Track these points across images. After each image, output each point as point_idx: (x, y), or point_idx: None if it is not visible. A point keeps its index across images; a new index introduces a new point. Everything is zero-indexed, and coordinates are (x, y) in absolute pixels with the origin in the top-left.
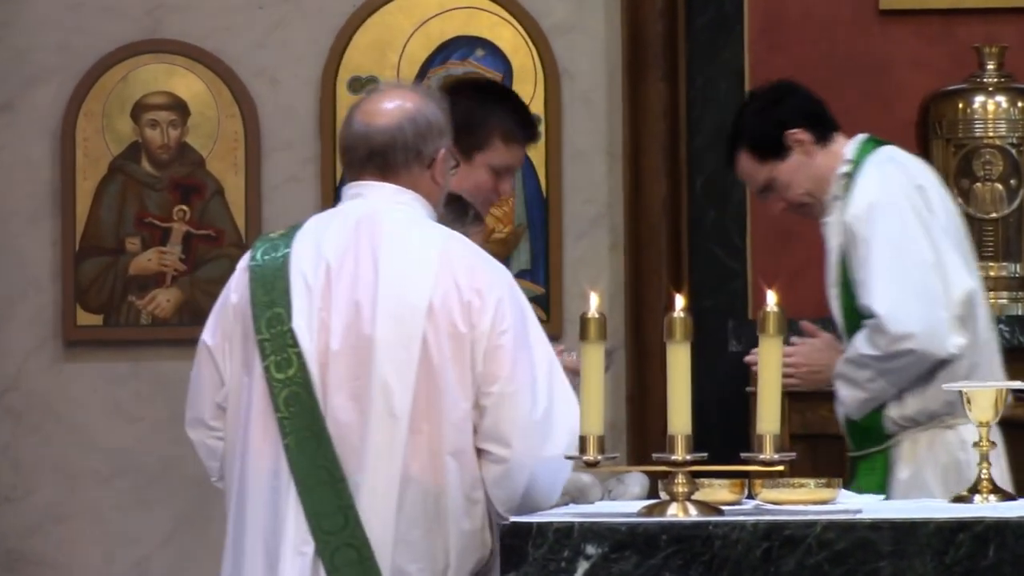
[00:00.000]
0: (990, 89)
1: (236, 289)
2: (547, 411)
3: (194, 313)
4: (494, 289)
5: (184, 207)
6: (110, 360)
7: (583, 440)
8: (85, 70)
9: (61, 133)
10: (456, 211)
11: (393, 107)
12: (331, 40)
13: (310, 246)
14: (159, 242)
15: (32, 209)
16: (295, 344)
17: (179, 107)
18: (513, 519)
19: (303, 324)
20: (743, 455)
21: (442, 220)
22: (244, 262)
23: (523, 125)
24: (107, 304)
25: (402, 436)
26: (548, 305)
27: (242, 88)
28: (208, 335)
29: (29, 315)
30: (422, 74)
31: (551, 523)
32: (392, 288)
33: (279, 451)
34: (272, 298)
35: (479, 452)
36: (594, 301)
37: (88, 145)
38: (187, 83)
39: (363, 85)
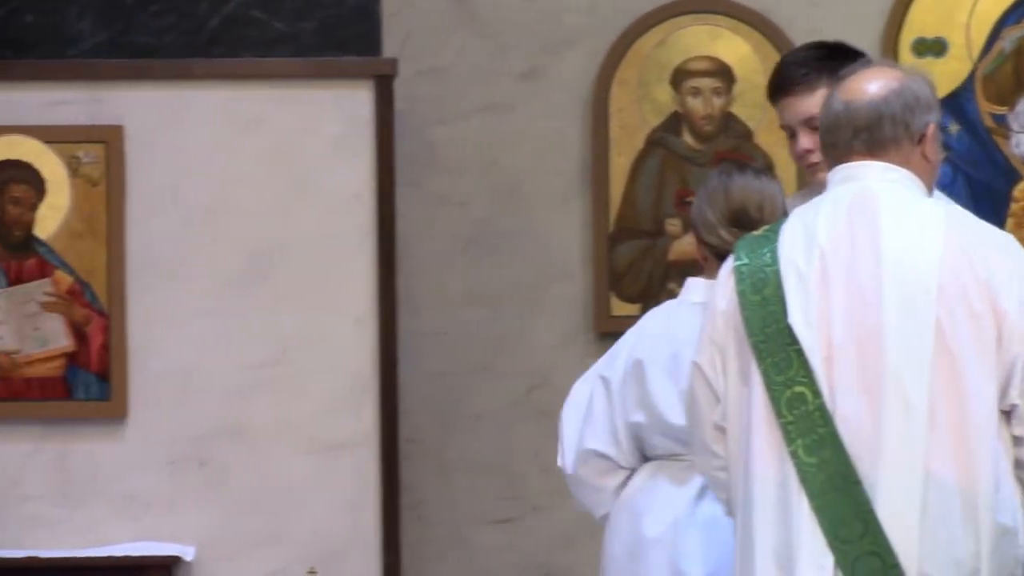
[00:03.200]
0: None
1: (723, 294)
2: None
3: None
4: (1010, 261)
5: None
6: None
7: None
8: (619, 33)
9: (593, 103)
10: None
11: (876, 83)
12: None
13: (799, 236)
14: None
15: (561, 188)
16: (793, 341)
17: (724, 73)
18: None
19: (800, 318)
20: None
21: None
22: (728, 265)
23: (771, 80)
24: (644, 292)
25: (920, 430)
26: None
27: None
28: (696, 352)
29: (558, 305)
30: (994, 34)
31: None
32: (896, 270)
33: (784, 459)
34: (764, 296)
35: (1017, 440)
36: None
37: (623, 116)
38: (733, 46)
39: (929, 48)
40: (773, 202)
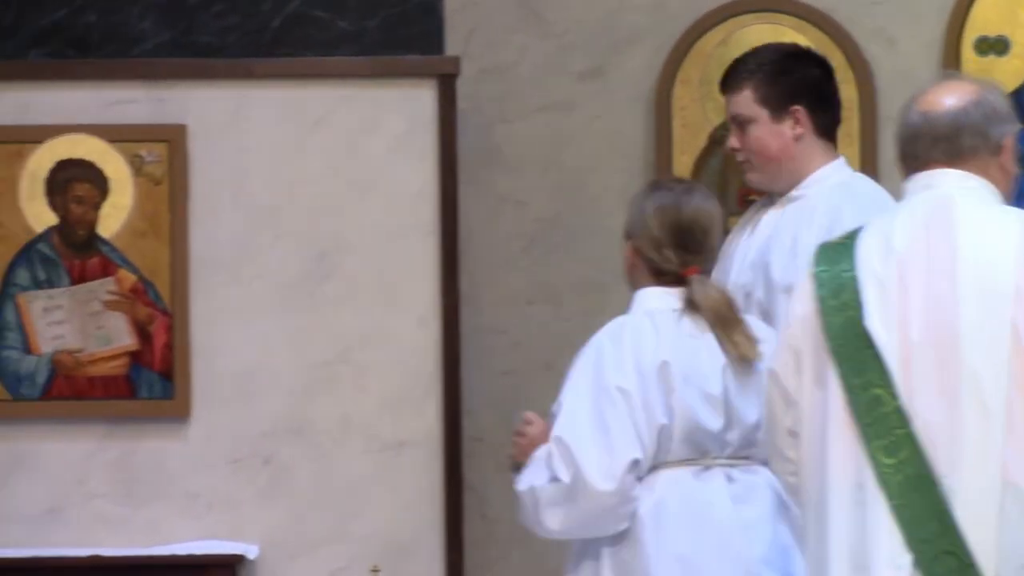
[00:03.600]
0: None
1: (801, 299)
2: None
3: None
4: None
5: None
6: None
7: None
8: (681, 32)
9: (655, 102)
10: None
11: (954, 95)
12: None
13: (877, 241)
14: None
15: (623, 186)
16: (870, 345)
17: None
18: None
19: (877, 321)
20: None
21: None
22: (805, 272)
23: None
24: None
25: (998, 431)
26: None
27: (856, 50)
28: (771, 358)
29: (622, 303)
30: None
31: None
32: (972, 274)
33: (862, 461)
34: (842, 301)
35: None
36: None
37: (686, 115)
38: None
39: (991, 46)
40: (719, 228)
